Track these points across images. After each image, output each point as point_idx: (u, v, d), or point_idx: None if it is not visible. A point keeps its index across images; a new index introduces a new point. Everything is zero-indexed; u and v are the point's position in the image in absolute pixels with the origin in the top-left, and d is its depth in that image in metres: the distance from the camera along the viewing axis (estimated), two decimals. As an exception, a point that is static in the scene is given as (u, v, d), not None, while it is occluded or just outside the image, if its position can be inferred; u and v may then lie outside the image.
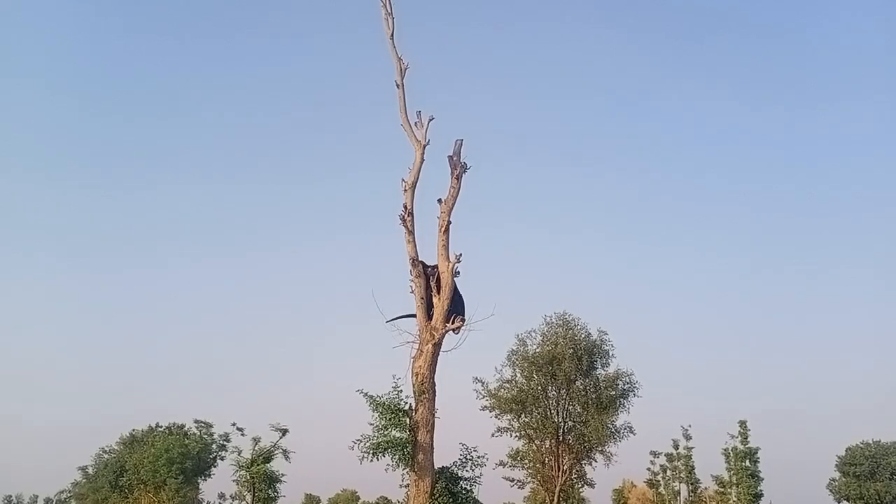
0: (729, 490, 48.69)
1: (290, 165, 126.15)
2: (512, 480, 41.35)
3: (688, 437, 48.78)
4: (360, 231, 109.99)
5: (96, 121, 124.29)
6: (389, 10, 18.06)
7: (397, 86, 17.79)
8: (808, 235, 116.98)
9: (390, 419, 15.57)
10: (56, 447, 78.49)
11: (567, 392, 40.13)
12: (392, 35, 18.00)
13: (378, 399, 15.80)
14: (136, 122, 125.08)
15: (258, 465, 34.10)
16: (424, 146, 17.28)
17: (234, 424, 39.19)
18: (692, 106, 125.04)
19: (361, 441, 15.65)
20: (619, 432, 39.78)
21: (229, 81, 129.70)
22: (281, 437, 35.08)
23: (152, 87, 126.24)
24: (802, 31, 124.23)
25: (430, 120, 17.45)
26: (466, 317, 16.64)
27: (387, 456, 15.39)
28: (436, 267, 16.67)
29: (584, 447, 39.90)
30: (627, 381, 39.89)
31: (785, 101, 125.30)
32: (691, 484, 48.90)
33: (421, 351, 16.09)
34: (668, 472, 49.26)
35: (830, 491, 64.51)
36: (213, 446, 51.86)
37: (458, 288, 16.76)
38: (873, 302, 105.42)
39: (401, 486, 16.35)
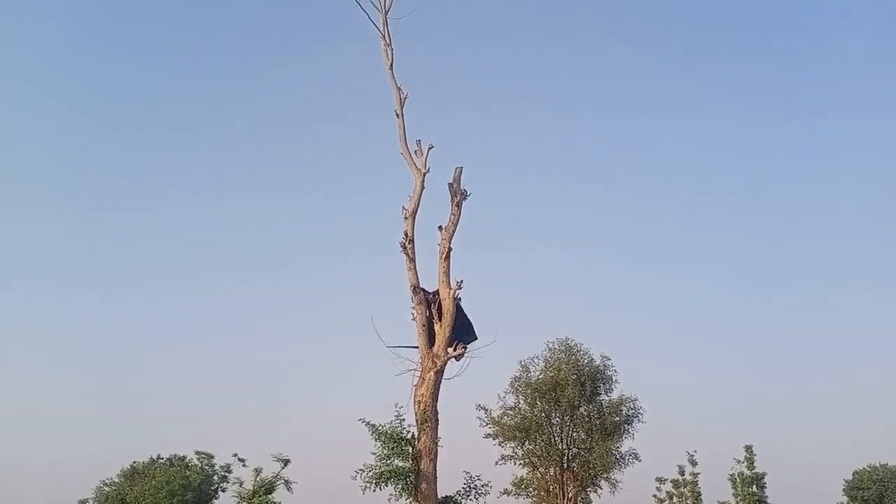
0: (736, 516, 48.16)
1: (294, 192, 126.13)
2: (517, 509, 40.98)
3: (694, 463, 48.27)
4: (362, 258, 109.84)
5: (92, 136, 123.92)
6: (388, 42, 18.33)
7: (397, 115, 18.00)
8: (813, 257, 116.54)
9: (393, 448, 15.49)
10: (56, 480, 77.69)
11: (571, 418, 39.92)
12: (391, 65, 18.26)
13: (380, 428, 15.73)
14: (132, 135, 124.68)
15: (260, 496, 33.89)
16: (424, 174, 17.44)
17: (235, 455, 39.06)
18: (701, 122, 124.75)
19: (364, 471, 15.56)
20: (623, 459, 39.53)
21: (228, 97, 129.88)
22: (283, 468, 34.94)
23: (148, 102, 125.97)
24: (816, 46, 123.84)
25: (430, 148, 17.63)
26: (473, 340, 16.73)
27: (390, 485, 15.29)
28: (437, 293, 16.72)
29: (589, 474, 39.58)
30: (631, 406, 39.74)
31: (790, 115, 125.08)
32: (698, 510, 48.39)
33: (423, 379, 16.05)
34: (675, 499, 48.66)
35: (838, 516, 63.91)
36: (215, 478, 51.38)
37: (466, 313, 16.86)
38: (881, 322, 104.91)
39: (404, 516, 16.21)
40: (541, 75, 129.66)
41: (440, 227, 17.11)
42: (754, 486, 48.05)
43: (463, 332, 16.73)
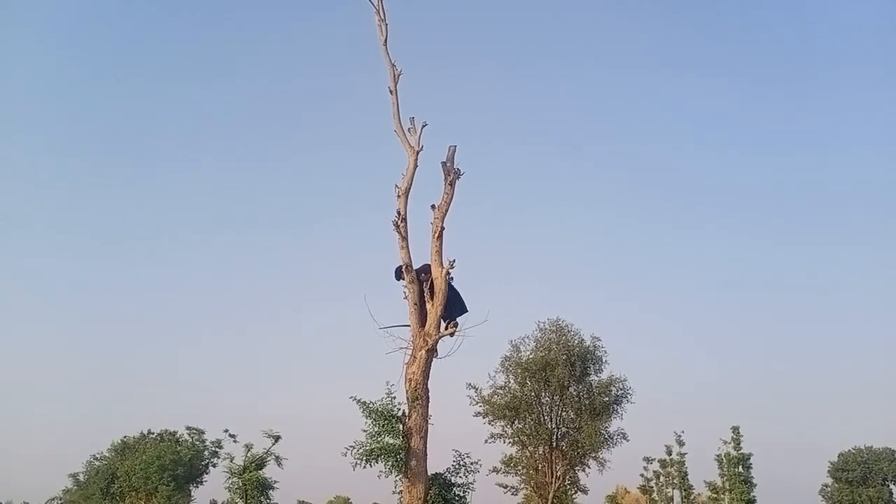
0: (722, 496, 48.70)
1: (285, 167, 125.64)
2: (505, 487, 41.32)
3: (681, 443, 48.82)
4: (355, 235, 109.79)
5: (94, 104, 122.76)
6: (383, 17, 18.07)
7: (391, 92, 17.80)
8: (803, 242, 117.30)
9: (383, 425, 15.53)
10: (47, 454, 77.91)
11: (560, 398, 40.13)
12: (385, 41, 18.03)
13: (371, 405, 15.76)
14: (133, 106, 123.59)
15: (250, 471, 33.93)
16: (418, 152, 17.31)
17: (226, 431, 38.93)
18: (696, 95, 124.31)
19: (354, 447, 15.60)
20: (612, 438, 39.81)
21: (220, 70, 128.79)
22: (274, 444, 34.97)
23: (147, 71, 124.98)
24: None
25: (424, 126, 17.47)
26: (464, 317, 16.78)
27: (380, 462, 15.35)
28: (424, 270, 16.70)
29: (578, 453, 39.90)
30: (621, 387, 39.95)
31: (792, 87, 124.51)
32: (684, 490, 48.90)
33: (414, 357, 16.06)
34: (662, 478, 49.25)
35: (823, 497, 64.85)
36: (205, 453, 51.62)
37: (454, 286, 16.88)
38: (866, 308, 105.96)
39: (394, 492, 16.31)
40: (542, 51, 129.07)
41: (433, 206, 17.05)
42: (740, 467, 48.61)
43: (452, 306, 16.78)
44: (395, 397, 15.86)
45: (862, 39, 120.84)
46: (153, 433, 56.51)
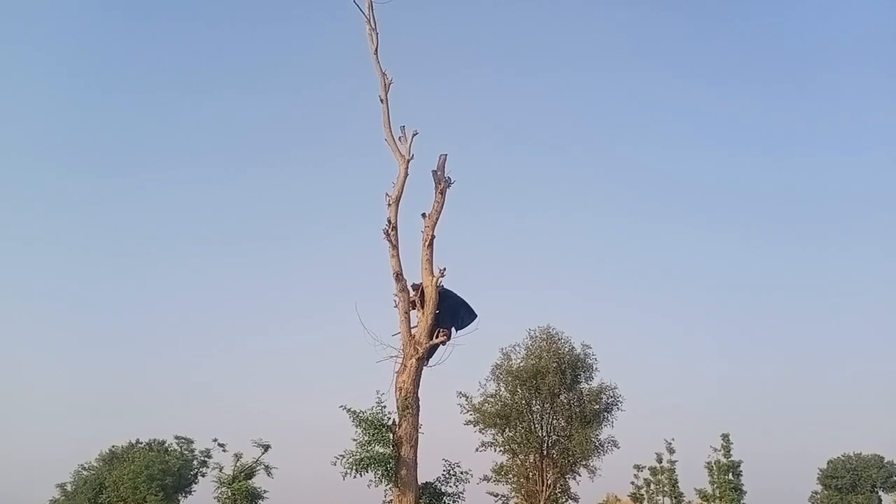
0: (712, 503, 48.82)
1: (280, 177, 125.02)
2: (496, 495, 41.10)
3: (671, 451, 48.84)
4: (345, 244, 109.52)
5: (89, 115, 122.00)
6: (374, 26, 18.17)
7: (381, 101, 17.87)
8: (793, 246, 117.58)
9: (374, 435, 15.52)
10: (33, 463, 77.08)
11: (551, 406, 40.06)
12: (376, 50, 18.10)
13: (361, 414, 15.75)
14: (131, 116, 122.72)
15: (240, 481, 33.84)
16: (409, 161, 17.36)
17: (215, 440, 38.88)
18: (693, 95, 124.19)
19: (344, 456, 15.57)
20: (602, 446, 39.73)
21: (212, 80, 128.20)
22: (263, 453, 34.91)
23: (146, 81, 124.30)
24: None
25: (414, 135, 17.55)
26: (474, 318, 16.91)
27: (370, 471, 15.33)
28: (419, 285, 16.74)
29: (569, 461, 39.82)
30: (611, 394, 39.89)
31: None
32: (675, 497, 48.92)
33: (404, 366, 16.06)
34: (652, 486, 49.24)
35: (812, 504, 65.06)
36: (194, 462, 51.28)
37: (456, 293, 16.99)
38: (855, 315, 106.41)
39: (384, 501, 16.30)
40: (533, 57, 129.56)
41: (423, 215, 17.09)
42: (730, 474, 48.77)
43: (462, 311, 16.88)
44: (385, 406, 15.86)
45: (862, 39, 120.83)
46: (142, 442, 56.17)
